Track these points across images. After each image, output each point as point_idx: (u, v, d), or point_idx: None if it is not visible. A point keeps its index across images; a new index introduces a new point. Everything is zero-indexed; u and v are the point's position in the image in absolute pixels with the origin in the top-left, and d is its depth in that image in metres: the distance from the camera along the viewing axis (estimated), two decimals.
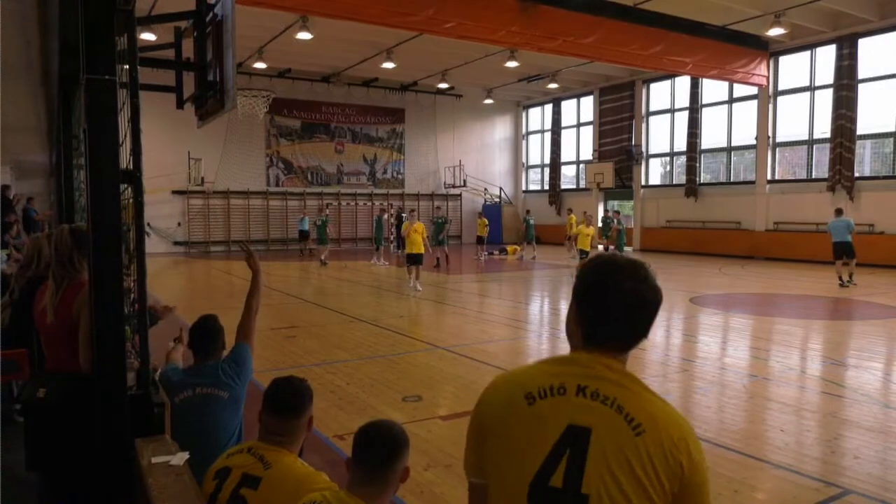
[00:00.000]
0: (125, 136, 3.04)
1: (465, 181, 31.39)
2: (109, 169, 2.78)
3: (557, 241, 29.11)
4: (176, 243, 26.36)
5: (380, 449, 2.05)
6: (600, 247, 25.21)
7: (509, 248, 26.23)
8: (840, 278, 14.88)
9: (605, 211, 28.43)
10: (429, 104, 31.39)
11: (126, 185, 3.08)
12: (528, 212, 26.00)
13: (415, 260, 14.45)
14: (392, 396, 6.21)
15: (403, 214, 24.61)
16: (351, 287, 15.22)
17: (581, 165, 31.09)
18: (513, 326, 10.11)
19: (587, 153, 30.44)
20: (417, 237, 14.35)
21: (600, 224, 24.75)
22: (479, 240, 22.94)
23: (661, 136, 27.16)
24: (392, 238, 26.58)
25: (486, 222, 23.16)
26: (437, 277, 17.87)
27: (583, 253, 15.27)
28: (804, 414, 5.74)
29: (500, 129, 34.06)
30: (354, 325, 10.24)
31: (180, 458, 2.61)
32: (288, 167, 28.74)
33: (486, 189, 32.87)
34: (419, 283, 14.16)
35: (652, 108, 27.40)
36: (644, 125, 27.46)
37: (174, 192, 26.15)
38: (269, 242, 27.87)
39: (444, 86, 28.84)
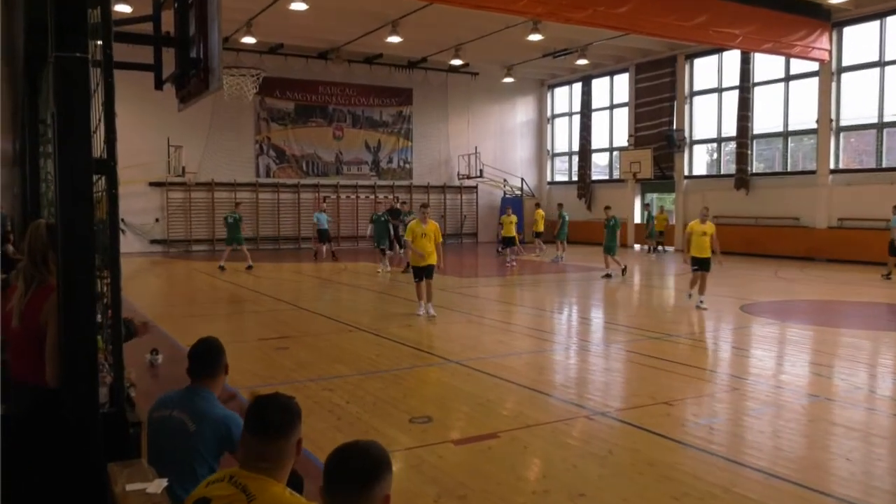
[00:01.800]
0: (98, 120, 3.07)
1: (481, 171, 31.40)
2: (81, 158, 2.81)
3: (588, 239, 29.03)
4: (153, 242, 26.58)
5: (354, 473, 1.98)
6: (637, 246, 25.13)
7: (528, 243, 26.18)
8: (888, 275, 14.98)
9: (645, 205, 28.29)
10: (440, 83, 31.45)
11: (99, 176, 3.11)
12: (560, 205, 25.83)
13: (424, 273, 11.84)
14: (398, 417, 6.22)
15: (397, 206, 23.49)
16: (351, 292, 15.27)
17: (614, 153, 30.97)
18: (536, 337, 10.11)
19: (621, 139, 30.34)
20: (427, 244, 11.66)
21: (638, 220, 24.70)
22: (507, 241, 21.54)
23: (707, 119, 27.01)
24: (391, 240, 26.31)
25: (515, 220, 21.47)
26: (450, 281, 17.87)
27: (697, 263, 12.74)
28: (873, 440, 5.69)
29: (522, 112, 34.03)
30: (355, 334, 10.25)
31: (157, 485, 2.62)
32: (280, 155, 28.90)
33: (505, 180, 32.86)
34: (432, 307, 11.73)
35: (696, 88, 27.26)
36: (687, 107, 27.33)
37: (151, 184, 26.36)
38: (259, 240, 28.03)
39: (457, 62, 28.84)
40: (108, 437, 2.92)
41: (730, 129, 25.83)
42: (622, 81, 30.14)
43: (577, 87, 32.12)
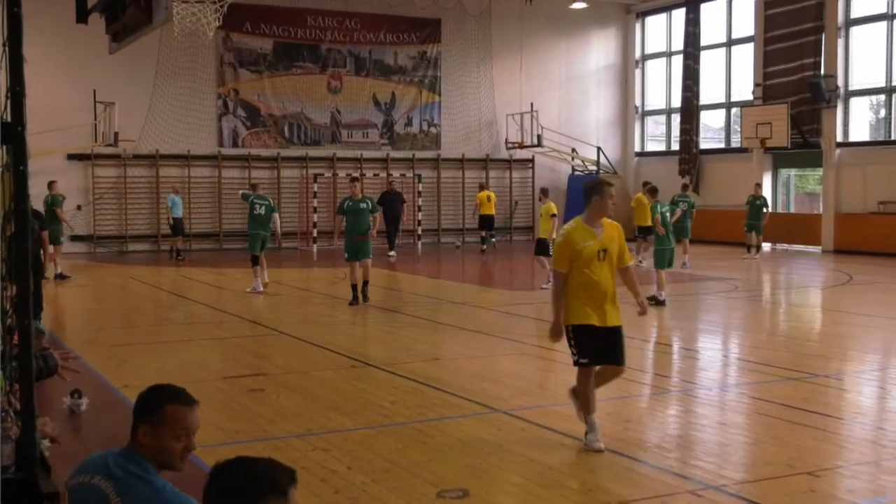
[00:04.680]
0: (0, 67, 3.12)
1: (539, 138, 31.34)
2: None
3: (696, 235, 28.73)
4: (74, 238, 26.94)
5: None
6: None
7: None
8: None
9: (756, 186, 27.56)
10: (480, 11, 31.51)
11: (1, 145, 3.16)
12: (686, 186, 25.47)
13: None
14: (421, 490, 6.21)
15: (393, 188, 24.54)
16: (355, 312, 15.33)
17: (733, 111, 30.65)
18: (620, 377, 10.00)
19: (743, 90, 30.05)
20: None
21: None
22: (541, 246, 20.00)
23: (872, 60, 26.60)
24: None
25: (554, 209, 19.94)
26: (495, 296, 17.81)
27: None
28: None
29: (599, 52, 33.90)
30: (359, 371, 10.25)
31: None
32: (252, 115, 29.19)
33: (574, 150, 32.78)
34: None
35: (854, 14, 26.89)
36: (841, 41, 26.95)
37: (71, 157, 26.80)
38: (222, 237, 28.29)
39: None
40: None
41: None
42: (745, 7, 29.90)
43: (679, 14, 31.92)
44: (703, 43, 30.99)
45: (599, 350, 7.25)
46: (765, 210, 24.79)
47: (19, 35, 3.05)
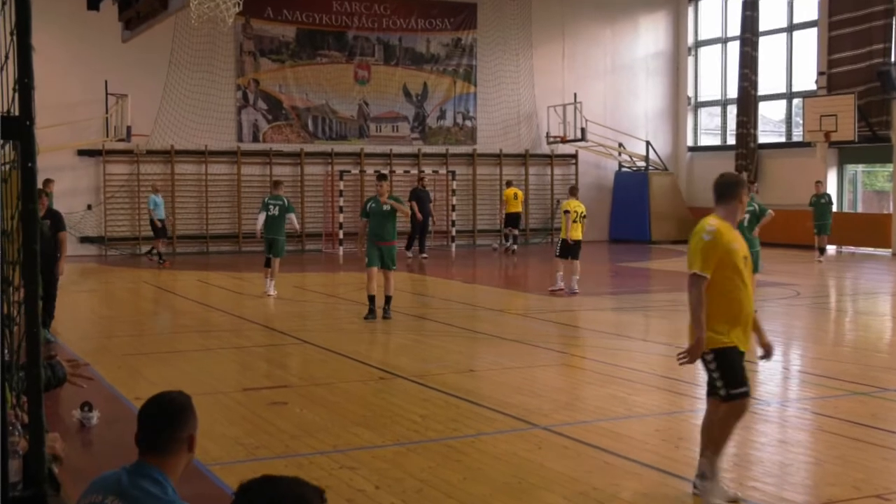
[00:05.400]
0: (5, 57, 3.15)
1: (583, 131, 31.25)
2: None
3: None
4: (84, 240, 27.22)
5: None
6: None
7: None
8: None
9: (818, 184, 27.20)
10: None
11: (6, 142, 3.19)
12: (751, 183, 25.35)
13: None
14: None
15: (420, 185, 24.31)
16: (379, 319, 15.32)
17: (795, 102, 30.38)
18: (670, 391, 10.00)
19: (806, 80, 29.81)
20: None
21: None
22: (566, 249, 19.10)
23: None
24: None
25: (567, 206, 18.87)
26: (535, 302, 17.77)
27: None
28: None
29: (649, 39, 33.76)
30: (388, 383, 10.27)
31: None
32: (273, 108, 29.34)
33: (621, 145, 32.66)
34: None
35: None
36: None
37: (81, 153, 27.10)
38: (241, 239, 28.42)
39: None
40: None
41: None
42: None
43: None
44: (761, 28, 30.76)
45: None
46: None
47: (28, 23, 3.06)
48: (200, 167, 28.17)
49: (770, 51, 30.95)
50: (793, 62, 30.51)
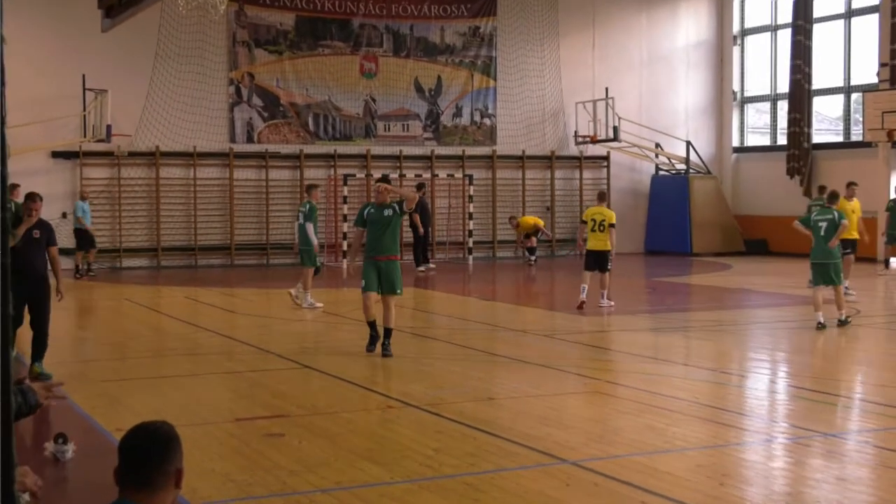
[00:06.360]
0: None
1: (615, 131, 31.23)
2: None
3: (802, 248, 28.43)
4: (60, 252, 27.19)
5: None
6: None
7: None
8: None
9: None
10: None
11: None
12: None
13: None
14: None
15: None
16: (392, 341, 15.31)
17: (854, 97, 30.30)
18: (714, 421, 9.96)
19: (866, 72, 29.74)
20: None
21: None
22: (587, 260, 18.66)
23: None
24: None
25: (600, 217, 18.48)
26: (561, 321, 17.73)
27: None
28: None
29: (688, 27, 33.80)
30: (397, 412, 10.26)
31: None
32: (270, 104, 29.43)
33: (658, 145, 32.63)
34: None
35: None
36: None
37: (56, 155, 27.19)
38: (234, 251, 28.45)
39: None
40: None
41: None
42: None
43: None
44: (816, 14, 30.76)
45: None
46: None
47: None
48: (189, 171, 28.25)
49: (826, 40, 30.94)
50: (851, 52, 30.46)
